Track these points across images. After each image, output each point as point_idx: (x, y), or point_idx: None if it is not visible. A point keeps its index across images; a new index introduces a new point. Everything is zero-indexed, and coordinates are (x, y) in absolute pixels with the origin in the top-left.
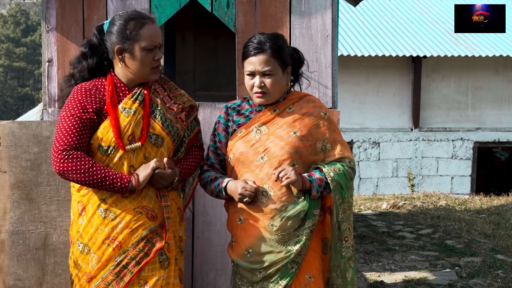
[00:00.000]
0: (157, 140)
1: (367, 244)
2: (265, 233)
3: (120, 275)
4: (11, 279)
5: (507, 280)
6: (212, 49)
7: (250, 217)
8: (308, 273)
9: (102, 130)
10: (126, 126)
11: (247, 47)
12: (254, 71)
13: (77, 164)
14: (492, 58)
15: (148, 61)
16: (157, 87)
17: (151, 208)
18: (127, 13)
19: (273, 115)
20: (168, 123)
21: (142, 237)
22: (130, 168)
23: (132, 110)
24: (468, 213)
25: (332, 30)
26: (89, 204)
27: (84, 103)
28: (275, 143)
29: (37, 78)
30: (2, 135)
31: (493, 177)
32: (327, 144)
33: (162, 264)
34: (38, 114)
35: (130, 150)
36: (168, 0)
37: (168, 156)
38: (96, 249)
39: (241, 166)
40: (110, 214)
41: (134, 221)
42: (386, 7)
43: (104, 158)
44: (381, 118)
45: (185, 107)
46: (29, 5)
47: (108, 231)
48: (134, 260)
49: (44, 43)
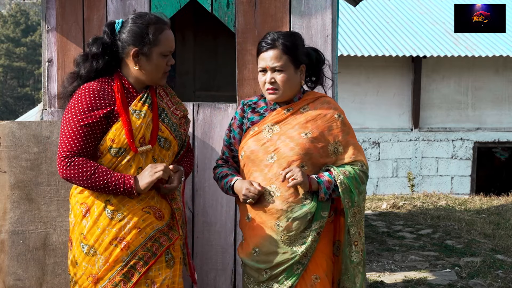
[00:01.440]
0: (166, 143)
1: (367, 244)
2: (271, 233)
3: (128, 276)
4: (11, 279)
5: (507, 280)
6: (212, 49)
7: (257, 216)
8: (315, 274)
9: (114, 132)
10: (138, 128)
11: (260, 44)
12: (265, 67)
13: (79, 171)
14: (492, 58)
15: (162, 66)
16: (160, 91)
17: (158, 208)
18: (146, 16)
19: (287, 114)
20: (174, 127)
21: (150, 236)
22: (138, 170)
23: (142, 112)
24: (468, 213)
25: (332, 30)
26: (94, 205)
27: (92, 106)
28: (285, 143)
29: (37, 78)
30: (2, 135)
31: (493, 177)
32: (339, 146)
33: (168, 264)
34: (38, 114)
35: (141, 152)
36: (168, 0)
37: (172, 159)
38: (103, 250)
39: (251, 164)
40: (118, 214)
41: (142, 221)
42: (386, 7)
43: (113, 160)
44: (381, 118)
45: (184, 114)
46: (29, 5)
47: (116, 232)
48: (142, 260)
49: (44, 43)
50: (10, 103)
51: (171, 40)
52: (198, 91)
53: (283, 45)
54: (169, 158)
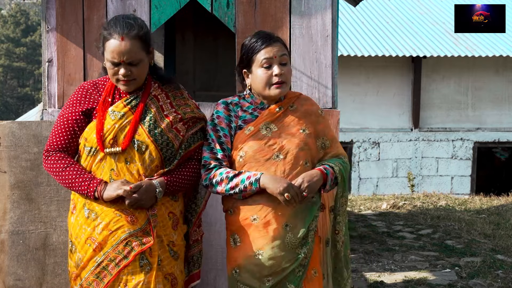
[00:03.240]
0: (141, 147)
1: (367, 244)
2: (278, 233)
3: (100, 276)
4: (11, 279)
5: (507, 280)
6: (212, 49)
7: (267, 216)
8: (314, 268)
9: (87, 131)
10: (109, 129)
11: (256, 42)
12: (272, 56)
13: (53, 166)
14: (492, 58)
15: (112, 73)
16: (158, 93)
17: (131, 211)
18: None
19: (279, 113)
20: (157, 131)
21: (121, 239)
22: (111, 172)
23: (120, 113)
24: (468, 213)
25: (332, 30)
26: (78, 203)
27: (76, 103)
28: (288, 140)
29: (37, 78)
30: (2, 135)
31: (493, 177)
32: (326, 141)
33: (142, 269)
34: (38, 114)
35: (111, 154)
36: (168, 0)
37: (153, 165)
38: (80, 248)
39: (255, 163)
40: (92, 214)
41: (113, 222)
42: (386, 7)
43: (88, 159)
44: (381, 118)
45: (184, 118)
46: (29, 5)
47: (90, 231)
48: (114, 262)
49: (44, 43)
50: (10, 103)
51: (113, 51)
52: (198, 91)
53: (279, 38)
54: (145, 162)
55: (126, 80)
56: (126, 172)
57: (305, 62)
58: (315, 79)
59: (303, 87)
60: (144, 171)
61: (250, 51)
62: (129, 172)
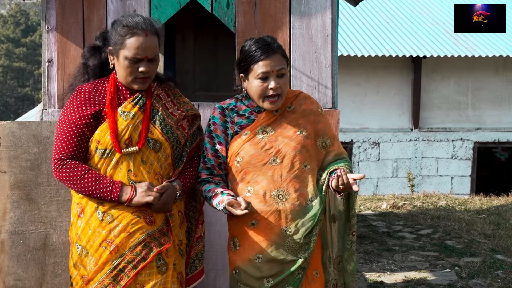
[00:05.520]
0: (155, 145)
1: (367, 244)
2: (277, 238)
3: (117, 279)
4: (11, 279)
5: (507, 280)
6: (212, 50)
7: (266, 221)
8: (315, 269)
9: (99, 133)
10: (124, 130)
11: (255, 52)
12: (270, 71)
13: (70, 175)
14: (492, 58)
15: (130, 70)
16: (160, 92)
17: (149, 212)
18: (129, 18)
19: (276, 115)
20: (168, 128)
21: (139, 241)
22: (128, 173)
23: (131, 114)
24: (468, 213)
25: (332, 30)
26: (87, 206)
27: (82, 107)
28: (285, 143)
29: (37, 78)
30: (2, 135)
31: (493, 178)
32: (327, 140)
33: (159, 269)
34: (38, 114)
35: (127, 154)
36: (168, 0)
37: (166, 163)
38: (93, 252)
39: (252, 169)
40: (108, 217)
41: (131, 224)
42: (386, 7)
43: (101, 162)
44: (381, 118)
45: (187, 115)
46: (29, 5)
47: (105, 234)
48: (131, 264)
49: (44, 43)
50: (10, 103)
51: (139, 47)
52: (198, 91)
53: (279, 49)
54: (159, 160)
55: (144, 77)
56: (144, 171)
57: (305, 62)
58: (315, 79)
59: (303, 87)
60: (159, 169)
61: (248, 59)
62: (146, 171)
